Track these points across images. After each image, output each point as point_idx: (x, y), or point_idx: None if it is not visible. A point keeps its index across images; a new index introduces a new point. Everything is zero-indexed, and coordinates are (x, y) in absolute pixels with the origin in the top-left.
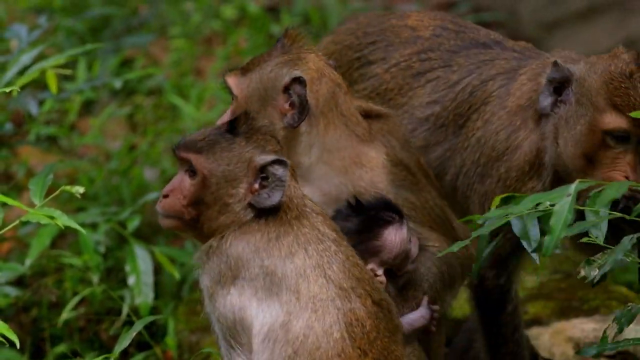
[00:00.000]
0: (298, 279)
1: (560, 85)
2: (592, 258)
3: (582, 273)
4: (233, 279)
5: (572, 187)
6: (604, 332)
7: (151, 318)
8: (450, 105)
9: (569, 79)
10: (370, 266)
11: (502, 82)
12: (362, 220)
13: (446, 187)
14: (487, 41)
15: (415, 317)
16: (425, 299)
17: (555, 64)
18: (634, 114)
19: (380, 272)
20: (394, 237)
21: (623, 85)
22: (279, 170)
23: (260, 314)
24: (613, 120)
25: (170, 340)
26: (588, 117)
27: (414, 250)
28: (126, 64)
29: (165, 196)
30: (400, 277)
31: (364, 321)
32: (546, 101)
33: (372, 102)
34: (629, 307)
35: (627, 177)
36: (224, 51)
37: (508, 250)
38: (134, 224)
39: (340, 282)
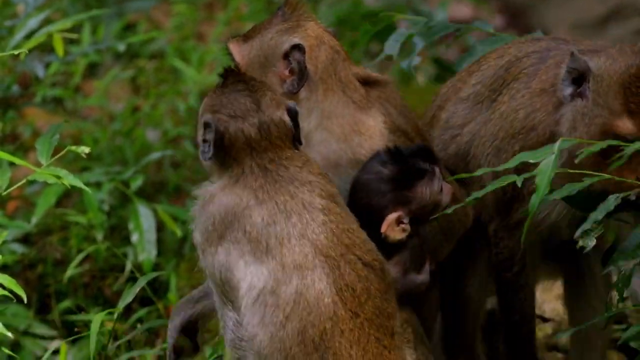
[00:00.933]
0: (282, 248)
1: (579, 77)
2: (589, 228)
3: (580, 243)
4: (219, 238)
5: (556, 146)
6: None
7: (154, 274)
8: (488, 82)
9: (585, 72)
10: (397, 214)
11: (534, 61)
12: (398, 170)
13: (471, 158)
14: (546, 38)
15: (419, 281)
16: (427, 265)
17: (572, 54)
18: None
19: (406, 220)
20: (426, 189)
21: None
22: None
23: (248, 276)
24: (626, 126)
25: (172, 296)
26: (603, 118)
27: (445, 199)
28: (129, 28)
29: None
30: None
31: (354, 285)
32: (566, 91)
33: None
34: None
35: (638, 177)
36: (224, 16)
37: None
38: (137, 183)
39: (327, 251)
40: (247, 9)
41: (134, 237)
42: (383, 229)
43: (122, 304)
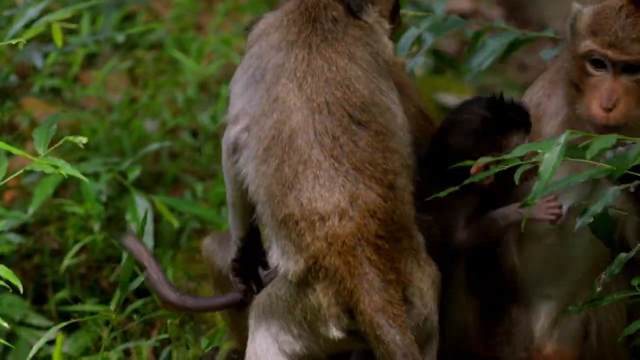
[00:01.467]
0: (271, 76)
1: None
2: (585, 202)
3: (579, 223)
4: (249, 48)
5: (562, 137)
6: (594, 282)
7: None
8: None
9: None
10: (489, 158)
11: None
12: (501, 116)
13: None
14: None
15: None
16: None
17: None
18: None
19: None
20: (517, 142)
21: (607, 15)
22: None
23: (244, 96)
24: (588, 45)
25: None
26: (574, 45)
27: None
28: (128, 18)
29: None
30: None
31: (336, 134)
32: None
33: None
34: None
35: (601, 105)
36: (223, 7)
37: None
38: (134, 173)
39: (312, 95)
40: (246, 0)
41: (131, 228)
42: (473, 169)
43: (121, 295)
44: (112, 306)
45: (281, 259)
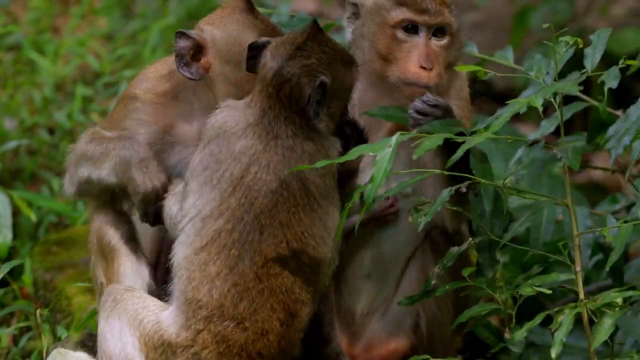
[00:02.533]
0: (226, 185)
1: (355, 11)
2: (420, 207)
3: (410, 220)
4: (207, 142)
5: (393, 139)
6: (429, 276)
7: (15, 262)
8: None
9: (355, 3)
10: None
11: None
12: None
13: None
14: None
15: None
16: None
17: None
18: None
19: None
20: None
21: None
22: None
23: (197, 193)
24: (400, 14)
25: (27, 278)
26: (378, 19)
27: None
28: None
29: None
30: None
31: (268, 255)
32: (349, 27)
33: None
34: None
35: (421, 66)
36: (79, 10)
37: None
38: None
39: (259, 215)
40: (100, 3)
41: None
42: None
43: None
44: None
45: (175, 312)
